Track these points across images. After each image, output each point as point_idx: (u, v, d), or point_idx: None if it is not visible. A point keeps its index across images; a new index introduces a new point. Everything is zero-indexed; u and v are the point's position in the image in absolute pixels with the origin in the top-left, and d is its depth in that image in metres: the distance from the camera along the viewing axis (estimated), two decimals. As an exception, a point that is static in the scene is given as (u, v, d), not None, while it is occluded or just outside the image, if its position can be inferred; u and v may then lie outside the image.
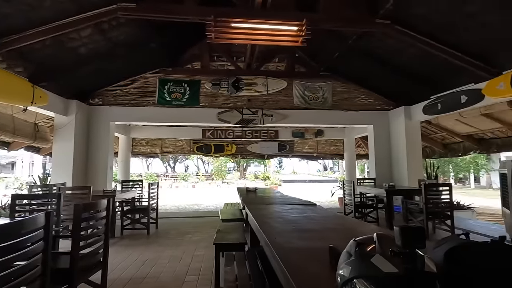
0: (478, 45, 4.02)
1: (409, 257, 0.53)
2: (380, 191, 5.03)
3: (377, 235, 0.64)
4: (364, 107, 6.81)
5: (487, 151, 7.15)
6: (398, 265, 0.53)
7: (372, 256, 0.58)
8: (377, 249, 0.60)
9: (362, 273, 0.57)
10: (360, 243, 0.65)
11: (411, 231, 0.53)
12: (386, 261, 0.55)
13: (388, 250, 0.56)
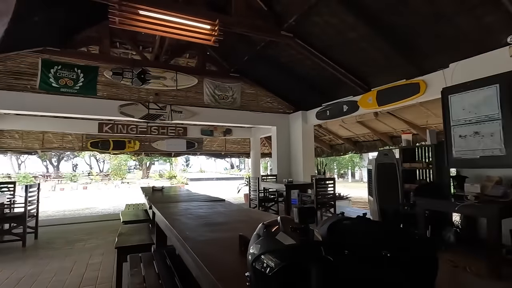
0: (356, 65, 4.98)
1: (303, 231, 0.68)
2: (281, 186, 5.61)
3: (280, 218, 0.77)
4: (269, 109, 7.41)
5: (360, 151, 8.87)
6: (296, 238, 0.67)
7: (277, 234, 0.71)
8: (280, 228, 0.73)
9: (269, 249, 0.68)
10: (267, 225, 0.77)
11: (305, 210, 0.68)
12: (287, 237, 0.68)
13: (289, 228, 0.70)
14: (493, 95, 3.18)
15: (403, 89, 4.61)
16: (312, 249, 0.67)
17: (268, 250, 0.68)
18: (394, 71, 4.68)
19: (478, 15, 3.26)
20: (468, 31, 3.49)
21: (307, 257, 0.67)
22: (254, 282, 0.72)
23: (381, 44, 4.22)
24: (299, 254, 0.66)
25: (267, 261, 0.68)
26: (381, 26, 3.93)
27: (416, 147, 4.50)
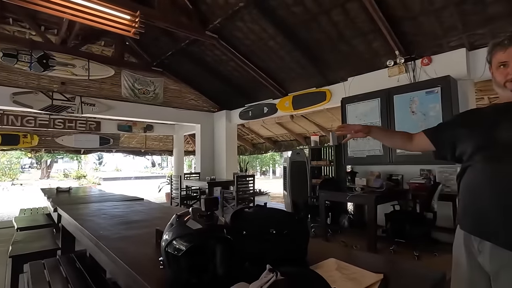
0: (275, 71, 5.43)
1: (209, 217, 0.83)
2: (203, 183, 5.69)
3: (191, 209, 0.91)
4: (194, 107, 7.37)
5: (279, 150, 9.61)
6: (203, 223, 0.82)
7: (187, 222, 0.84)
8: (191, 217, 0.87)
9: (180, 234, 0.81)
10: (180, 215, 0.89)
11: (210, 200, 0.84)
12: (196, 223, 0.82)
13: (197, 215, 0.84)
14: (376, 106, 3.97)
15: (314, 96, 5.26)
16: (216, 231, 0.83)
17: (179, 235, 0.81)
18: (307, 79, 5.29)
19: (369, 40, 4.01)
20: (361, 52, 4.24)
21: (212, 238, 0.83)
22: (166, 264, 0.84)
23: (297, 54, 4.73)
24: (205, 236, 0.81)
25: (178, 244, 0.81)
26: (297, 39, 4.41)
27: (322, 147, 5.21)
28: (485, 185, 1.00)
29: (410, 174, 3.85)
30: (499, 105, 1.11)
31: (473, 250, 1.04)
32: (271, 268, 0.65)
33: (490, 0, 2.99)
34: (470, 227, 1.06)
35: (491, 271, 0.98)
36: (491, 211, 0.98)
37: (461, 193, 1.11)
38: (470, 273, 1.05)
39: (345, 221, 4.32)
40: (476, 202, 1.04)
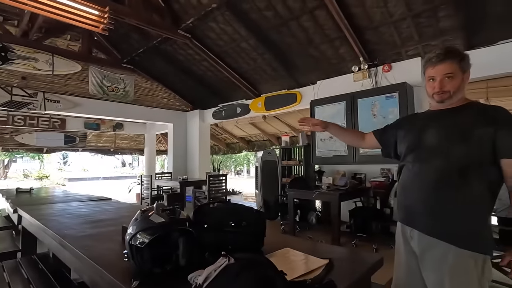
0: (248, 72, 5.52)
1: (172, 212, 0.90)
2: (175, 183, 5.64)
3: (156, 204, 0.97)
4: (166, 106, 7.27)
5: (252, 149, 9.72)
6: (165, 217, 0.89)
7: (151, 216, 0.90)
8: (155, 211, 0.93)
9: (143, 227, 0.87)
10: (144, 210, 0.95)
11: (173, 196, 0.91)
12: (158, 217, 0.89)
13: (160, 210, 0.90)
14: (341, 109, 4.20)
15: (285, 98, 5.43)
16: (178, 224, 0.90)
17: (143, 229, 0.87)
18: (279, 81, 5.45)
19: (336, 46, 4.23)
20: (329, 57, 4.46)
21: (174, 230, 0.90)
22: (130, 256, 0.90)
23: (269, 57, 4.86)
24: (167, 229, 0.88)
25: (142, 237, 0.87)
26: (269, 42, 4.53)
27: (293, 147, 5.39)
28: (413, 183, 1.17)
29: (372, 173, 4.12)
30: (430, 112, 1.28)
31: (407, 237, 1.21)
32: (224, 253, 0.74)
33: (441, 15, 3.30)
34: (403, 218, 1.23)
35: (418, 253, 1.15)
36: (417, 204, 1.16)
37: (398, 189, 1.27)
38: (406, 256, 1.23)
39: (313, 218, 4.52)
40: (407, 197, 1.21)
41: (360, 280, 0.92)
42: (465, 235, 1.06)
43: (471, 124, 1.10)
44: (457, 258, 1.05)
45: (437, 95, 1.17)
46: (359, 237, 3.70)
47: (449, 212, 1.09)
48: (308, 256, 1.03)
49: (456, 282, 1.04)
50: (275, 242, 1.21)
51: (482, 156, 1.07)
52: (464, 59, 1.15)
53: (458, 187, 1.08)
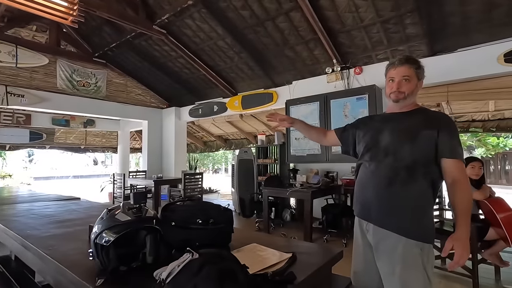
0: (225, 71, 5.52)
1: (138, 210, 0.91)
2: (150, 182, 5.53)
3: (122, 203, 0.98)
4: (141, 102, 7.08)
5: (230, 148, 9.72)
6: (131, 215, 0.90)
7: (117, 214, 0.91)
8: (121, 210, 0.94)
9: (109, 226, 0.88)
10: (110, 209, 0.95)
11: (139, 193, 0.92)
12: (124, 215, 0.90)
13: (126, 208, 0.91)
14: (315, 109, 4.33)
15: (262, 97, 5.49)
16: (144, 222, 0.92)
17: (108, 227, 0.88)
18: (255, 81, 5.49)
19: (310, 48, 4.34)
20: (304, 58, 4.57)
21: (140, 228, 0.91)
22: (95, 255, 0.90)
23: (246, 56, 4.88)
24: (133, 227, 0.89)
25: (107, 236, 0.87)
26: (245, 41, 4.56)
27: (269, 146, 5.47)
28: (369, 180, 1.27)
29: (344, 171, 4.29)
30: (386, 114, 1.39)
31: (364, 231, 1.31)
32: (188, 249, 0.77)
33: (407, 22, 3.49)
34: (360, 213, 1.33)
35: (373, 244, 1.25)
36: (372, 200, 1.26)
37: (356, 186, 1.37)
38: (363, 247, 1.33)
39: (287, 215, 4.63)
40: (364, 193, 1.31)
41: (319, 271, 0.99)
42: (412, 227, 1.17)
43: (419, 126, 1.22)
44: (406, 248, 1.16)
45: (393, 94, 1.29)
46: (330, 233, 3.85)
47: (399, 207, 1.20)
48: (274, 251, 1.08)
49: (405, 269, 1.15)
50: (245, 238, 1.25)
51: (427, 156, 1.19)
52: (420, 67, 1.30)
53: (406, 183, 1.19)
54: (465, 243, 1.10)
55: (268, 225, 4.02)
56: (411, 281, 1.15)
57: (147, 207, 0.97)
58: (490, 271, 2.59)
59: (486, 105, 4.63)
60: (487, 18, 3.16)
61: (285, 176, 4.92)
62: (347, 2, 3.45)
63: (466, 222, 1.11)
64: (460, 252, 1.09)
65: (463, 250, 1.09)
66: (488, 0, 2.98)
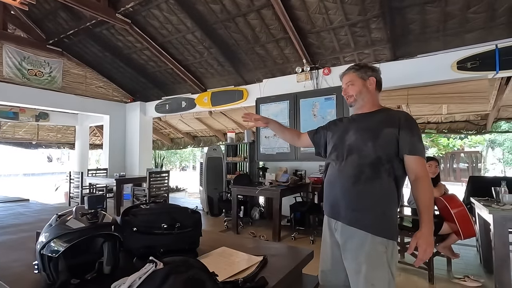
0: (194, 66, 5.35)
1: (93, 215, 0.81)
2: (111, 180, 5.21)
3: (75, 208, 0.87)
4: (102, 96, 6.63)
5: (198, 145, 9.50)
6: (85, 222, 0.80)
7: (68, 221, 0.80)
8: (74, 216, 0.83)
9: (58, 235, 0.77)
10: (60, 215, 0.84)
11: (95, 197, 0.82)
12: (77, 222, 0.80)
13: (79, 214, 0.81)
14: (285, 108, 4.36)
15: (232, 94, 5.41)
16: (100, 229, 0.82)
17: (57, 236, 0.77)
18: (225, 77, 5.40)
19: (281, 46, 4.35)
20: (275, 56, 4.57)
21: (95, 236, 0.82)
22: (41, 268, 0.79)
23: (216, 51, 4.76)
24: (87, 235, 0.79)
25: (56, 246, 0.77)
26: (216, 36, 4.44)
27: (238, 144, 5.42)
28: (336, 179, 1.29)
29: (312, 169, 4.38)
30: (351, 116, 1.45)
31: (332, 229, 1.33)
32: (151, 259, 0.69)
33: (373, 27, 3.64)
34: (329, 212, 1.34)
35: (341, 243, 1.28)
36: (340, 198, 1.28)
37: (324, 185, 1.39)
38: (331, 246, 1.35)
39: (256, 214, 4.63)
40: (332, 192, 1.33)
41: (291, 273, 0.97)
42: (378, 224, 1.20)
43: (381, 125, 1.28)
44: (371, 246, 1.19)
45: (347, 100, 1.41)
46: (298, 230, 3.91)
47: (365, 204, 1.23)
48: (244, 254, 1.04)
49: (371, 266, 1.18)
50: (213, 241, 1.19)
51: (389, 153, 1.24)
52: (360, 70, 1.39)
53: (371, 180, 1.22)
54: (429, 240, 1.14)
55: (236, 224, 3.97)
56: (376, 279, 1.18)
57: (104, 212, 0.87)
58: (443, 262, 2.80)
59: (440, 109, 5.01)
60: (443, 28, 3.39)
61: (255, 174, 4.91)
62: (317, 3, 3.50)
63: (429, 219, 1.16)
64: (424, 248, 1.14)
65: (427, 246, 1.14)
66: (444, 10, 3.19)
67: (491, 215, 2.19)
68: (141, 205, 1.06)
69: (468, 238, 2.49)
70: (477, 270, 2.79)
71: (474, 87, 3.78)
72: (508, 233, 2.18)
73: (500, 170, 12.90)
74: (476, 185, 3.28)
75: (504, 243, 2.15)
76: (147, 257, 0.79)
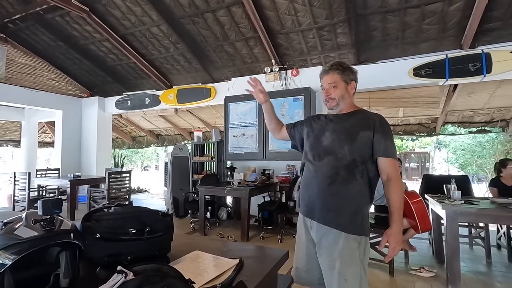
0: (160, 61, 5.11)
1: (49, 222, 0.71)
2: (64, 182, 4.77)
3: (25, 214, 0.75)
4: (54, 89, 6.06)
5: (162, 144, 9.12)
6: (39, 230, 0.69)
7: (17, 229, 0.69)
8: (24, 223, 0.72)
9: (4, 246, 0.66)
10: (6, 223, 0.72)
11: (50, 201, 0.72)
12: (29, 230, 0.69)
13: (31, 221, 0.70)
14: (254, 107, 4.35)
15: (199, 92, 5.27)
16: (57, 238, 0.72)
17: (3, 247, 0.66)
18: (193, 74, 5.24)
19: (251, 45, 4.33)
20: (244, 55, 4.54)
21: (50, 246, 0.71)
22: (-19, 285, 0.66)
23: (183, 47, 4.60)
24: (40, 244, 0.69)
25: (1, 259, 0.65)
26: (183, 31, 4.29)
27: (205, 143, 5.30)
28: (312, 179, 1.31)
29: (279, 168, 4.43)
30: (328, 116, 1.45)
31: (308, 228, 1.34)
32: (120, 269, 0.62)
33: (339, 32, 3.77)
34: (305, 211, 1.36)
35: (316, 241, 1.30)
36: (316, 198, 1.30)
37: (301, 185, 1.39)
38: (306, 244, 1.36)
39: (224, 214, 4.55)
40: (308, 192, 1.35)
41: (269, 275, 0.94)
42: (351, 223, 1.24)
43: (356, 127, 1.31)
44: (345, 242, 1.22)
45: (327, 102, 1.37)
46: (266, 230, 3.92)
47: (340, 204, 1.26)
48: (219, 258, 0.99)
49: (344, 262, 1.21)
50: (185, 245, 1.12)
51: (364, 155, 1.28)
52: (344, 72, 1.36)
53: (346, 182, 1.26)
54: (399, 237, 1.20)
55: (204, 225, 3.87)
56: (348, 275, 1.21)
57: (62, 217, 0.77)
58: (401, 255, 2.99)
59: (397, 112, 5.37)
60: (401, 36, 3.63)
61: (223, 174, 4.83)
62: (287, 5, 3.54)
63: (399, 218, 1.21)
64: (393, 245, 1.19)
65: (396, 243, 1.19)
66: (403, 20, 3.42)
67: (444, 211, 2.38)
68: (104, 209, 0.96)
69: (425, 232, 2.68)
70: (430, 261, 3.03)
71: (427, 93, 4.11)
72: (458, 227, 2.39)
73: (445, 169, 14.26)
74: (429, 183, 3.56)
75: (455, 236, 2.35)
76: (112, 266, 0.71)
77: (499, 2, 3.00)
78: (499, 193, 3.19)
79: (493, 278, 2.63)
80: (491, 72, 3.35)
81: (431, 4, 3.17)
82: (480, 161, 10.49)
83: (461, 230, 2.58)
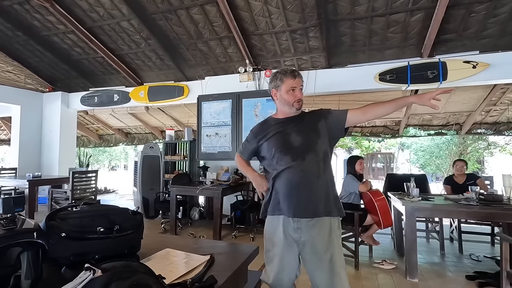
0: (130, 56, 4.93)
1: (9, 221, 0.68)
2: (22, 182, 4.45)
3: (-17, 212, 0.72)
4: (10, 82, 5.62)
5: (132, 143, 8.80)
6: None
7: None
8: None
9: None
10: (-39, 222, 0.68)
11: (11, 199, 0.69)
12: (-14, 230, 0.65)
13: (-10, 220, 0.67)
14: (228, 107, 4.36)
15: (172, 89, 5.16)
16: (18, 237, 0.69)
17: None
18: (165, 71, 5.12)
19: (225, 45, 4.33)
20: (218, 54, 4.53)
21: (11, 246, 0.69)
22: None
23: (154, 43, 4.47)
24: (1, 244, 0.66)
25: (-45, 260, 0.62)
26: (155, 27, 4.18)
27: (177, 142, 5.21)
28: (302, 179, 1.37)
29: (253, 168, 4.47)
30: (280, 119, 1.48)
31: (290, 229, 1.39)
32: (88, 266, 0.61)
33: (311, 35, 3.90)
34: (293, 213, 1.37)
35: (306, 237, 1.37)
36: (307, 196, 1.37)
37: (283, 189, 1.40)
38: (284, 247, 1.41)
39: (196, 214, 4.51)
40: (296, 193, 1.37)
41: (239, 270, 0.97)
42: (335, 206, 1.40)
43: (314, 123, 1.43)
44: (332, 224, 1.39)
45: (297, 103, 1.42)
46: (239, 229, 3.95)
47: (326, 192, 1.39)
48: (190, 255, 1.00)
49: (334, 239, 1.37)
50: (155, 243, 1.12)
51: (327, 144, 1.43)
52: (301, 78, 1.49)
53: (324, 172, 1.40)
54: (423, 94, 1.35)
55: (175, 226, 3.81)
56: (339, 257, 1.37)
57: (24, 216, 0.74)
58: (365, 250, 3.16)
59: (364, 114, 5.64)
60: (368, 43, 3.83)
61: (195, 174, 4.78)
62: (261, 6, 3.59)
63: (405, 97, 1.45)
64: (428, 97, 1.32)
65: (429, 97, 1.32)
66: (369, 27, 3.61)
67: (404, 207, 2.57)
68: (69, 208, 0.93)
69: (387, 227, 2.87)
70: (392, 254, 3.23)
71: (391, 97, 4.37)
72: (416, 222, 2.58)
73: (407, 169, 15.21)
74: (392, 181, 3.80)
75: (412, 230, 2.54)
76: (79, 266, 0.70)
77: (454, 15, 3.28)
78: (452, 190, 3.48)
79: (446, 268, 2.87)
80: (447, 79, 3.65)
81: (395, 14, 3.38)
82: (438, 161, 11.33)
83: (418, 224, 2.80)
